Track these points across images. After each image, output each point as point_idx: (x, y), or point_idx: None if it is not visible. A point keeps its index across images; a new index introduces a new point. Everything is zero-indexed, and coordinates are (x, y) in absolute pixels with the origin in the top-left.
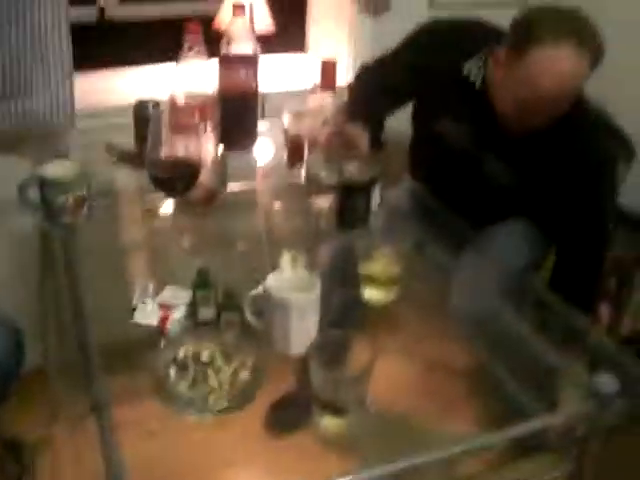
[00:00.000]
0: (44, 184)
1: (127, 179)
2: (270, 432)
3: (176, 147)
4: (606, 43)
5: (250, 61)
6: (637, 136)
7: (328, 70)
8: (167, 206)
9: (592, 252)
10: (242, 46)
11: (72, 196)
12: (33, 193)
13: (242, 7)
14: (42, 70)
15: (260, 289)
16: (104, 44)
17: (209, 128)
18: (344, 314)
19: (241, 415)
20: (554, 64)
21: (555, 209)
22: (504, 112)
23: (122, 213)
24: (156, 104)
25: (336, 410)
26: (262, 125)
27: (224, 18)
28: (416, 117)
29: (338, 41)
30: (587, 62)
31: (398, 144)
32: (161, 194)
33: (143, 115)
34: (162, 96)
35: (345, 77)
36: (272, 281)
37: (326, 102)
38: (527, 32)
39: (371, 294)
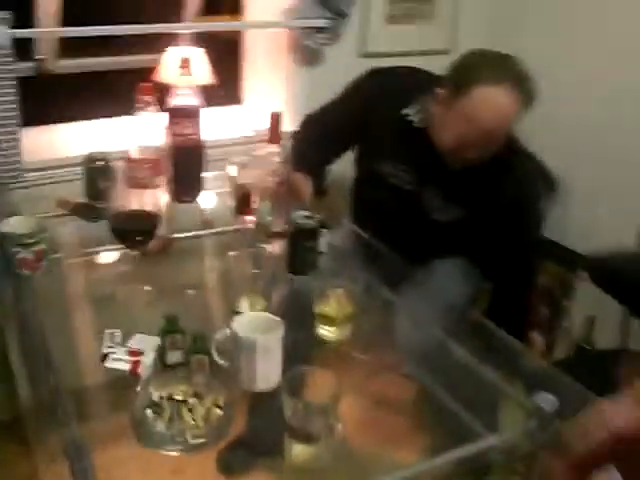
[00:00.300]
0: (4, 239)
1: (81, 231)
2: (223, 474)
3: (133, 200)
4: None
5: (195, 113)
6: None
7: (275, 123)
8: (108, 257)
9: (521, 283)
10: (188, 99)
11: (33, 250)
12: None
13: (188, 61)
14: None
15: (226, 331)
16: (45, 98)
17: (162, 180)
18: (302, 352)
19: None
20: (492, 101)
21: (488, 243)
22: (444, 146)
23: (79, 265)
24: (105, 157)
25: (307, 438)
26: (206, 175)
27: (163, 70)
28: (359, 160)
29: (274, 92)
30: (521, 103)
31: (339, 189)
32: (117, 245)
33: (93, 168)
34: (109, 149)
35: (282, 127)
36: (238, 323)
37: (273, 152)
38: (469, 72)
39: (326, 332)
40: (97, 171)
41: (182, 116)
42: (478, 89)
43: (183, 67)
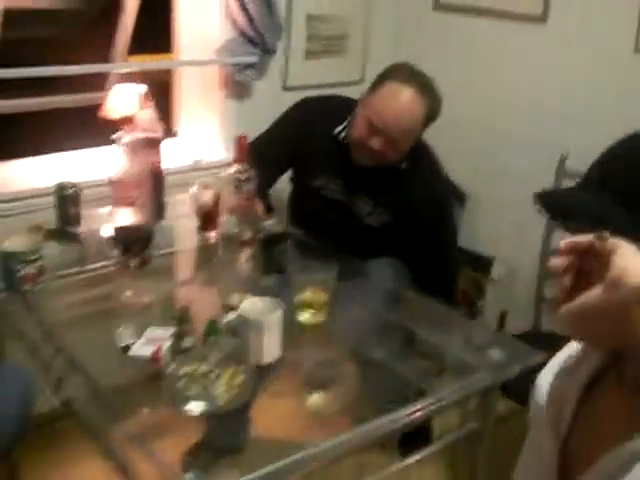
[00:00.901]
0: (9, 257)
1: (55, 254)
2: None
3: (123, 217)
4: None
5: (158, 143)
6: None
7: (240, 145)
8: None
9: (442, 278)
10: (148, 131)
11: (35, 265)
12: None
13: (149, 96)
14: None
15: (232, 316)
16: None
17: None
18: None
19: None
20: (398, 95)
21: (413, 243)
22: (353, 139)
23: (70, 280)
24: (75, 186)
25: (322, 386)
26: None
27: (110, 107)
28: (295, 178)
29: (207, 124)
30: (424, 110)
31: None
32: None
33: (64, 196)
34: (72, 178)
35: (218, 152)
36: (245, 307)
37: (238, 170)
38: (386, 74)
39: (306, 317)
40: (67, 199)
41: (145, 146)
42: (389, 84)
43: (144, 102)
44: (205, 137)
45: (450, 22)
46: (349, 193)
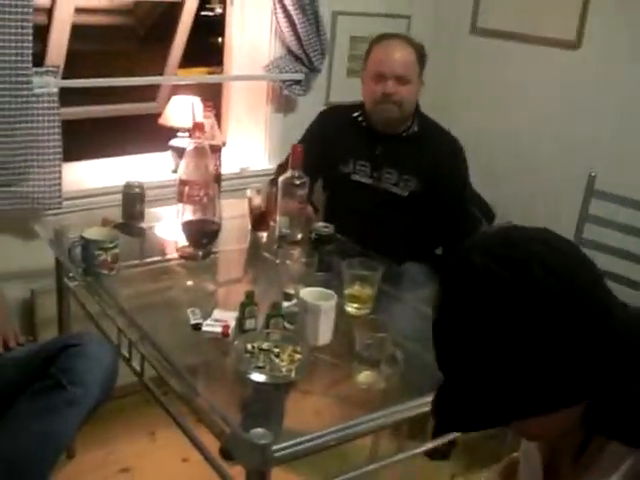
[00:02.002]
0: (89, 244)
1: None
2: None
3: (191, 213)
4: None
5: (219, 149)
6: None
7: (296, 153)
8: None
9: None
10: (211, 139)
11: (111, 253)
12: (77, 252)
13: (211, 107)
14: (39, 160)
15: (291, 302)
16: None
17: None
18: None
19: None
20: (390, 47)
21: (440, 207)
22: (367, 103)
23: (138, 269)
24: (140, 185)
25: (371, 364)
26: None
27: (168, 115)
28: (326, 177)
29: (254, 135)
30: (415, 49)
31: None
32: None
33: (130, 194)
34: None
35: (263, 162)
36: (304, 294)
37: (293, 176)
38: (370, 44)
39: (353, 309)
40: (134, 196)
41: (214, 151)
42: (378, 45)
43: (207, 112)
44: (251, 147)
45: (486, 46)
46: (376, 170)
